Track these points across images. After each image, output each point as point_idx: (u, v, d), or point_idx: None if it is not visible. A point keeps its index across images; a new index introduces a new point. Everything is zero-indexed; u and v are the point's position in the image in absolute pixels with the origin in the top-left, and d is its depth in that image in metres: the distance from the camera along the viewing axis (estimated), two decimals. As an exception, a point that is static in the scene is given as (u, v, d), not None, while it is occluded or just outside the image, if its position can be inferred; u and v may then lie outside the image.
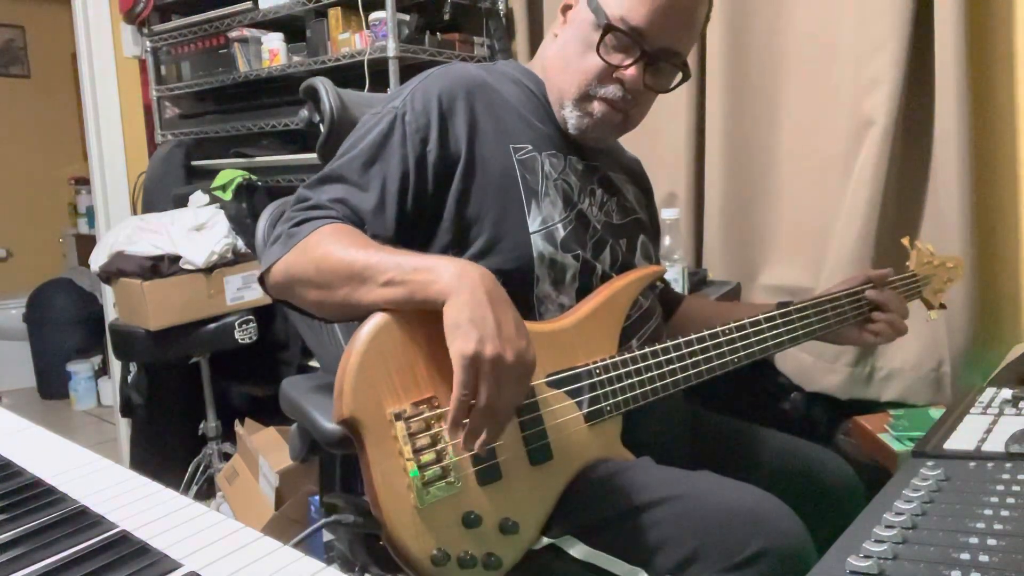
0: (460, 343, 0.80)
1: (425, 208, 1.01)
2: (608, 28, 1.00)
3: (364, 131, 1.03)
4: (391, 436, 0.83)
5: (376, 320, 0.86)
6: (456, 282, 0.82)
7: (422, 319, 0.86)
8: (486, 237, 1.00)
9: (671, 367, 1.01)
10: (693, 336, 1.04)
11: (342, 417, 0.83)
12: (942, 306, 1.35)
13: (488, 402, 0.80)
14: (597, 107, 1.04)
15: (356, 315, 0.89)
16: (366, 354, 0.84)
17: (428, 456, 0.84)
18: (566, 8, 1.09)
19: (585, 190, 1.08)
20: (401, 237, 0.99)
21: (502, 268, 0.98)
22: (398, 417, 0.84)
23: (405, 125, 1.00)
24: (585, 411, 0.95)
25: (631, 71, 1.02)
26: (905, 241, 1.34)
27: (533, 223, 1.01)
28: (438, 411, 0.86)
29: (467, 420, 0.82)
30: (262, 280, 1.00)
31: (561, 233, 1.03)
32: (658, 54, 1.02)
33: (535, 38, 2.29)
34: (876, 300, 1.20)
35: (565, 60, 1.06)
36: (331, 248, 0.91)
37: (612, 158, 1.21)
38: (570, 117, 1.06)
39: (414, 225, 1.01)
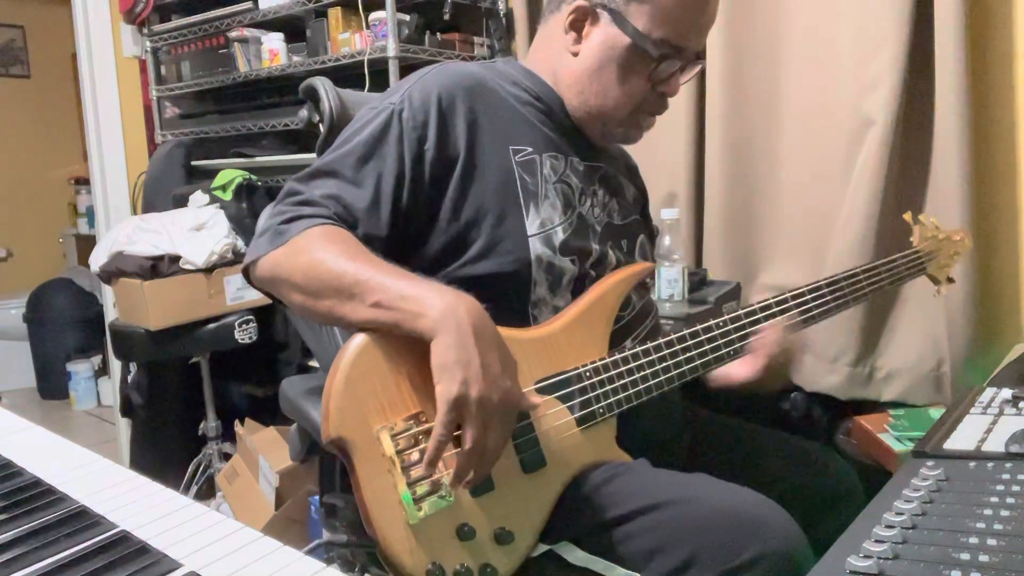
0: (445, 385, 0.80)
1: (420, 208, 0.99)
2: (662, 58, 1.02)
3: (360, 126, 1.00)
4: (380, 454, 0.82)
5: (361, 338, 0.85)
6: (443, 319, 0.82)
7: (406, 335, 0.85)
8: (484, 240, 0.98)
9: (663, 364, 1.00)
10: (686, 331, 1.03)
11: (329, 437, 0.82)
12: (950, 280, 1.33)
13: (475, 444, 0.80)
14: (645, 121, 1.09)
15: (338, 324, 0.88)
16: (351, 373, 0.84)
17: (418, 471, 0.83)
18: (577, 24, 1.05)
19: (587, 191, 1.07)
20: (395, 237, 0.97)
21: (499, 271, 0.98)
22: (386, 434, 0.83)
23: (402, 123, 0.98)
24: (577, 415, 0.94)
25: (675, 83, 1.05)
26: (907, 216, 1.32)
27: (531, 226, 1.00)
28: (426, 426, 0.85)
29: (448, 458, 0.82)
30: (246, 271, 0.97)
31: (560, 236, 1.01)
32: (691, 58, 1.05)
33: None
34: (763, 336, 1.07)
35: (601, 83, 1.04)
36: (321, 255, 0.88)
37: (613, 156, 1.20)
38: (616, 135, 1.10)
39: (408, 225, 0.99)
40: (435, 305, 0.82)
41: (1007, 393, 1.02)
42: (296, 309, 0.94)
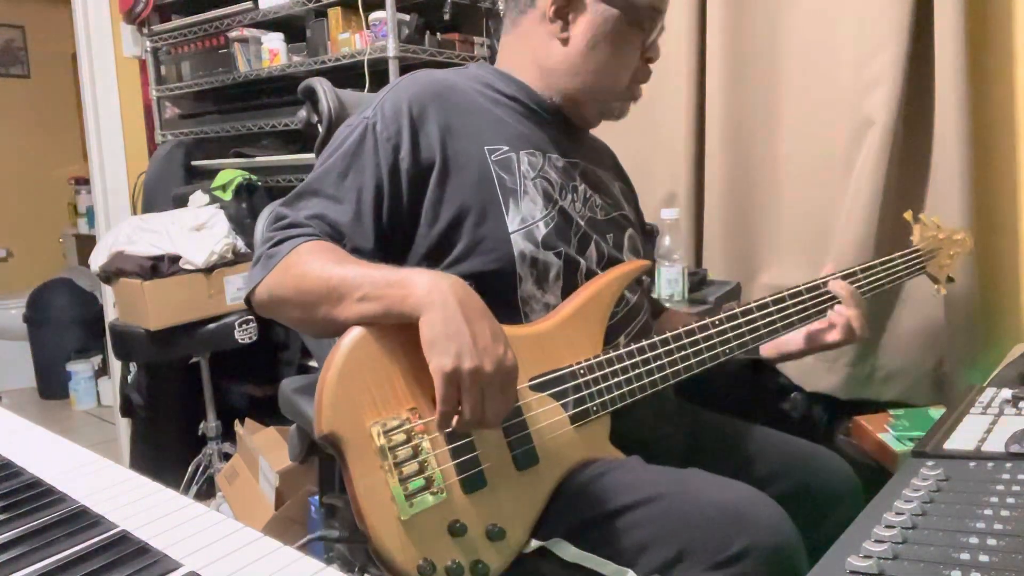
0: (438, 360, 0.81)
1: (402, 216, 1.01)
2: (651, 24, 1.07)
3: (338, 143, 1.03)
4: (372, 450, 0.83)
5: (352, 334, 0.86)
6: (428, 296, 0.83)
7: (399, 331, 0.86)
8: (466, 240, 1.00)
9: (658, 363, 1.01)
10: (681, 330, 1.03)
11: (322, 433, 0.83)
12: (950, 279, 1.33)
13: (472, 414, 0.82)
14: (638, 90, 1.14)
15: (338, 332, 0.90)
16: (343, 369, 0.84)
17: (410, 467, 0.84)
18: (561, 11, 1.07)
19: (567, 186, 1.08)
20: (382, 247, 0.99)
21: (484, 270, 0.99)
22: (378, 430, 0.83)
23: (376, 135, 1.00)
24: (571, 413, 0.95)
25: (657, 47, 1.10)
26: (908, 215, 1.32)
27: (512, 223, 1.01)
28: (419, 422, 0.85)
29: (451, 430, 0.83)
30: (248, 302, 1.00)
31: (542, 231, 1.02)
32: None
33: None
34: (837, 292, 1.15)
35: (596, 61, 1.07)
36: (308, 267, 0.91)
37: (593, 151, 1.21)
38: (615, 110, 1.14)
39: (393, 234, 1.01)
40: (419, 284, 0.85)
41: (1007, 393, 1.02)
42: (298, 326, 0.98)
